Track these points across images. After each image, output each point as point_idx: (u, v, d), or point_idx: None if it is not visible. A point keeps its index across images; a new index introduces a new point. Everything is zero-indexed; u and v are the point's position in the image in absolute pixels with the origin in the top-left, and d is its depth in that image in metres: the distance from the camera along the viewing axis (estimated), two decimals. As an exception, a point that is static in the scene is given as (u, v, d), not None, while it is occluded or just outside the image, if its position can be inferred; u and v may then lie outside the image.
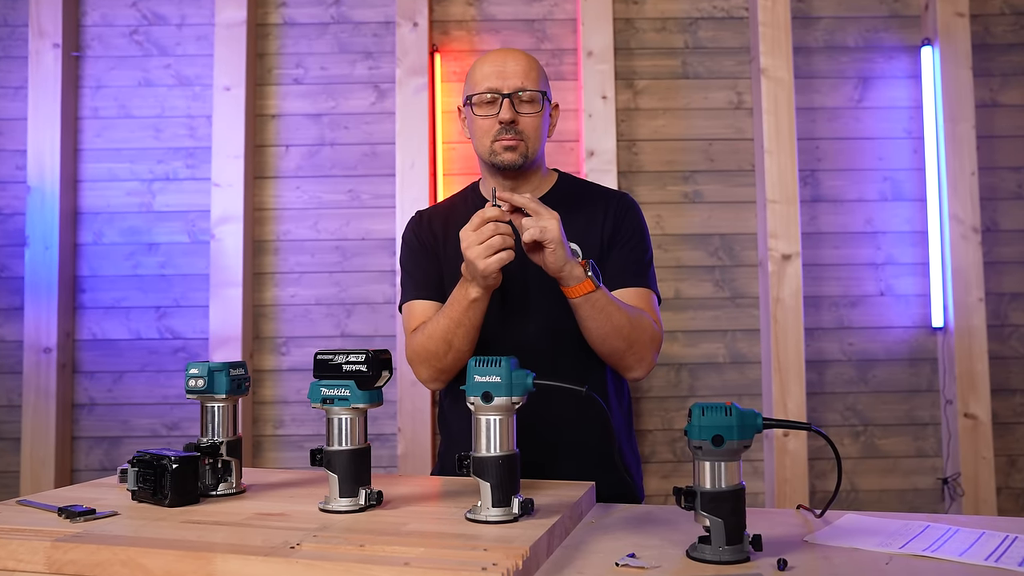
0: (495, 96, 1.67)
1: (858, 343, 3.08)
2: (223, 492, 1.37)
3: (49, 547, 1.06)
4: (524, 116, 1.67)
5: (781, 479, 2.91)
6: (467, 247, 1.46)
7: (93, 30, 3.15)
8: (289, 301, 3.10)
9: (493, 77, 1.67)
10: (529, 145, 1.68)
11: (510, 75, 1.67)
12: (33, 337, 2.98)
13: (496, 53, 1.74)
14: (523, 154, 1.68)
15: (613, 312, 1.55)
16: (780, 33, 3.02)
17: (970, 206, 3.00)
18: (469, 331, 1.58)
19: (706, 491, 1.04)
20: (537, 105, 1.69)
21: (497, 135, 1.67)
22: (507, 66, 1.68)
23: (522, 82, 1.67)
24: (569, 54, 3.14)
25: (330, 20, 3.16)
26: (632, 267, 1.71)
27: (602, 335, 1.58)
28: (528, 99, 1.68)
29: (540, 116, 1.70)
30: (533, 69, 1.70)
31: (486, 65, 1.70)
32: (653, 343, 1.65)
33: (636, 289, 1.70)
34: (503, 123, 1.66)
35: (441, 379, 1.69)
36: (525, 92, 1.67)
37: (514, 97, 1.66)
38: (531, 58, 1.73)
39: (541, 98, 1.69)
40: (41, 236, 3.01)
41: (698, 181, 3.11)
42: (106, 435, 3.06)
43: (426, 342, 1.63)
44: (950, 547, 1.09)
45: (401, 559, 0.96)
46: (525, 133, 1.67)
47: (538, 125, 1.70)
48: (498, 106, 1.67)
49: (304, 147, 3.13)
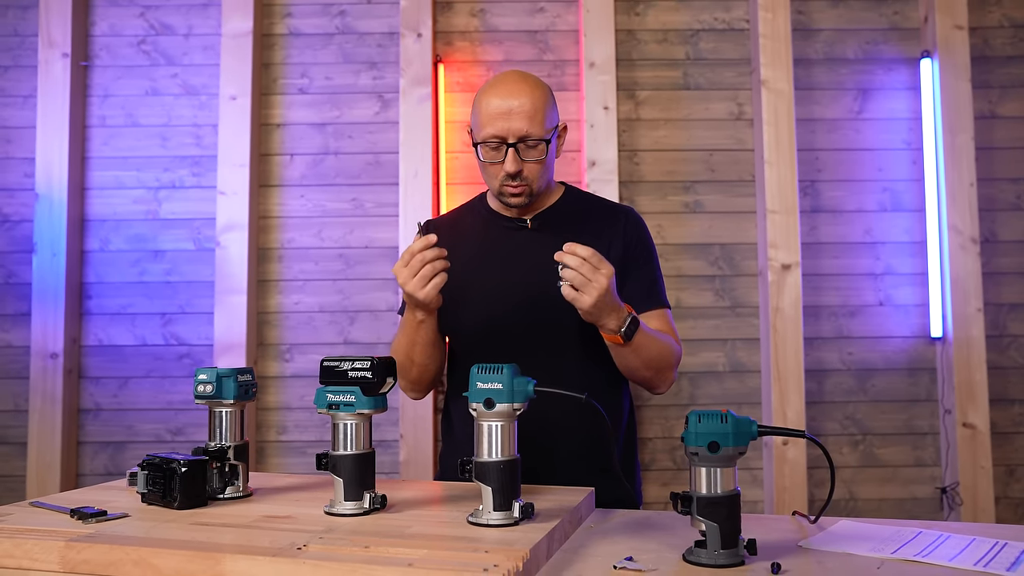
0: (500, 143, 1.64)
1: (857, 353, 3.10)
2: (230, 495, 1.39)
3: (63, 547, 1.09)
4: (529, 163, 1.66)
5: (780, 487, 2.93)
6: (403, 282, 1.53)
7: (101, 40, 3.19)
8: (293, 308, 3.13)
9: (498, 121, 1.63)
10: (534, 186, 1.69)
11: (515, 118, 1.62)
12: (40, 343, 3.01)
13: (503, 86, 1.67)
14: (529, 195, 1.70)
15: (644, 352, 1.61)
16: (780, 45, 3.05)
17: (969, 217, 3.02)
18: (425, 347, 1.68)
19: (702, 496, 1.07)
20: (542, 150, 1.66)
21: (503, 180, 1.67)
22: (512, 108, 1.62)
23: (527, 128, 1.62)
24: (571, 65, 3.18)
25: (335, 31, 3.20)
26: (648, 289, 1.76)
27: (630, 368, 1.66)
28: (534, 145, 1.65)
29: (545, 159, 1.68)
30: (539, 109, 1.64)
31: (492, 102, 1.64)
32: (676, 364, 1.73)
33: (659, 312, 1.75)
34: (508, 173, 1.65)
35: (416, 389, 1.79)
36: (530, 139, 1.63)
37: (521, 145, 1.64)
38: (537, 93, 1.66)
39: (546, 143, 1.66)
40: (48, 243, 3.04)
41: (699, 191, 3.14)
42: (111, 440, 3.08)
43: (395, 355, 1.70)
44: (940, 552, 1.11)
45: (405, 560, 0.99)
46: (530, 178, 1.67)
47: (542, 169, 1.69)
48: (503, 153, 1.64)
49: (308, 156, 3.17)
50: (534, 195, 1.71)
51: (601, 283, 1.45)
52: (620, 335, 1.54)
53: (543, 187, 1.72)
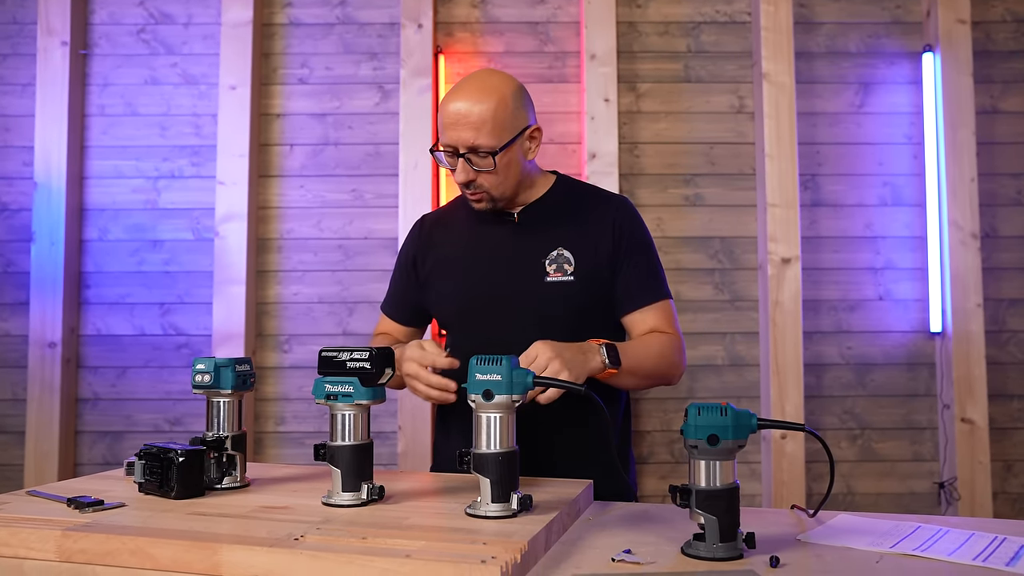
0: (452, 152, 1.60)
1: (856, 347, 3.10)
2: (228, 485, 1.39)
3: (60, 536, 1.08)
4: (481, 173, 1.61)
5: (778, 481, 2.93)
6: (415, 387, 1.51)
7: (101, 28, 3.18)
8: (292, 299, 3.12)
9: (449, 130, 1.58)
10: (494, 193, 1.64)
11: (463, 128, 1.56)
12: (38, 332, 3.00)
13: (459, 91, 1.60)
14: (490, 201, 1.66)
15: (640, 370, 1.61)
16: (782, 38, 3.04)
17: (969, 212, 3.02)
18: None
19: (701, 489, 1.06)
20: (490, 163, 1.58)
21: (461, 186, 1.65)
22: (460, 118, 1.56)
23: (474, 139, 1.56)
24: (572, 57, 3.16)
25: (335, 21, 3.18)
26: (647, 283, 1.73)
27: (634, 387, 1.71)
28: (484, 156, 1.58)
29: (498, 170, 1.61)
30: (488, 119, 1.56)
31: (447, 108, 1.59)
32: (680, 357, 1.72)
33: (655, 306, 1.72)
34: (459, 182, 1.62)
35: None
36: (480, 150, 1.57)
37: (469, 156, 1.58)
38: (493, 99, 1.58)
39: (494, 155, 1.58)
40: (47, 232, 3.03)
41: (699, 184, 3.14)
42: (109, 430, 3.08)
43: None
44: (940, 547, 1.11)
45: (402, 551, 0.98)
46: (485, 185, 1.62)
47: (498, 178, 1.62)
48: (456, 162, 1.60)
49: (308, 146, 3.16)
50: (497, 200, 1.66)
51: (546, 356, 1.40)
52: (610, 368, 1.51)
53: (507, 191, 1.66)
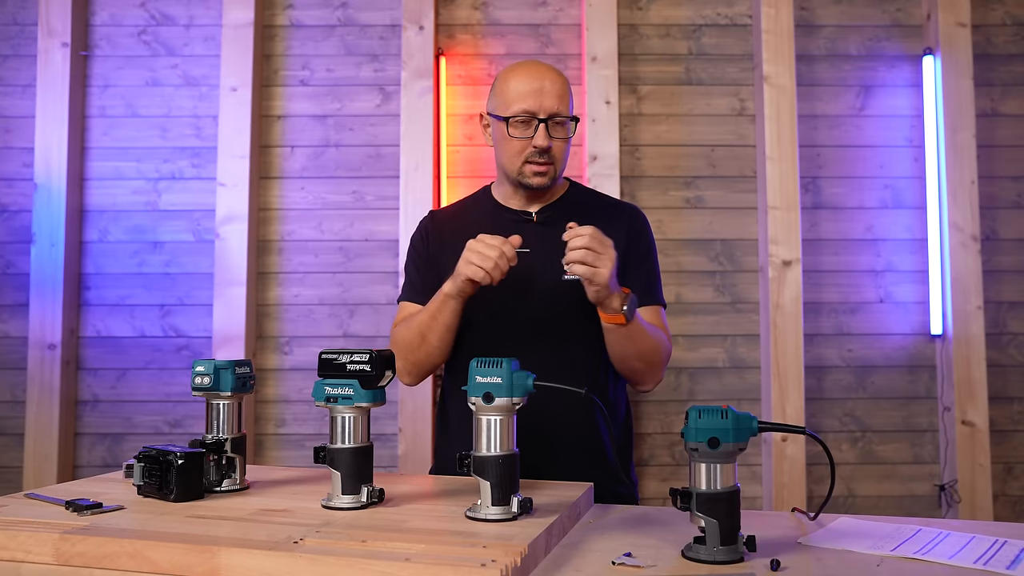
0: (530, 118, 1.66)
1: (857, 350, 3.10)
2: (227, 488, 1.39)
3: (57, 539, 1.08)
4: (557, 140, 1.68)
5: (779, 484, 2.92)
6: (468, 246, 1.53)
7: (101, 30, 3.18)
8: (292, 301, 3.12)
9: (530, 98, 1.66)
10: (557, 167, 1.71)
11: (547, 97, 1.66)
12: (38, 333, 3.00)
13: (532, 68, 1.71)
14: (552, 177, 1.72)
15: (639, 339, 1.63)
16: (783, 41, 3.04)
17: (970, 215, 3.02)
18: (442, 329, 1.64)
19: (702, 492, 1.06)
20: (570, 129, 1.70)
21: (528, 158, 1.68)
22: (544, 86, 1.66)
23: (558, 107, 1.66)
24: (573, 59, 3.16)
25: (336, 22, 3.18)
26: (645, 286, 1.78)
27: (623, 356, 1.66)
28: (562, 123, 1.68)
29: (570, 140, 1.71)
30: (567, 92, 1.70)
31: (522, 82, 1.68)
32: (666, 361, 1.76)
33: (651, 308, 1.77)
34: (537, 147, 1.66)
35: (413, 373, 1.74)
36: (559, 116, 1.67)
37: (550, 122, 1.66)
38: (564, 78, 1.71)
39: (575, 123, 1.70)
40: (47, 233, 3.03)
41: (700, 186, 3.13)
42: (109, 432, 3.08)
43: (404, 332, 1.70)
44: (940, 550, 1.11)
45: (402, 555, 0.98)
46: (555, 157, 1.69)
47: (567, 148, 1.72)
48: (533, 129, 1.66)
49: (309, 148, 3.16)
50: (555, 178, 1.72)
51: (611, 255, 1.49)
52: (623, 313, 1.55)
53: (563, 171, 1.75)
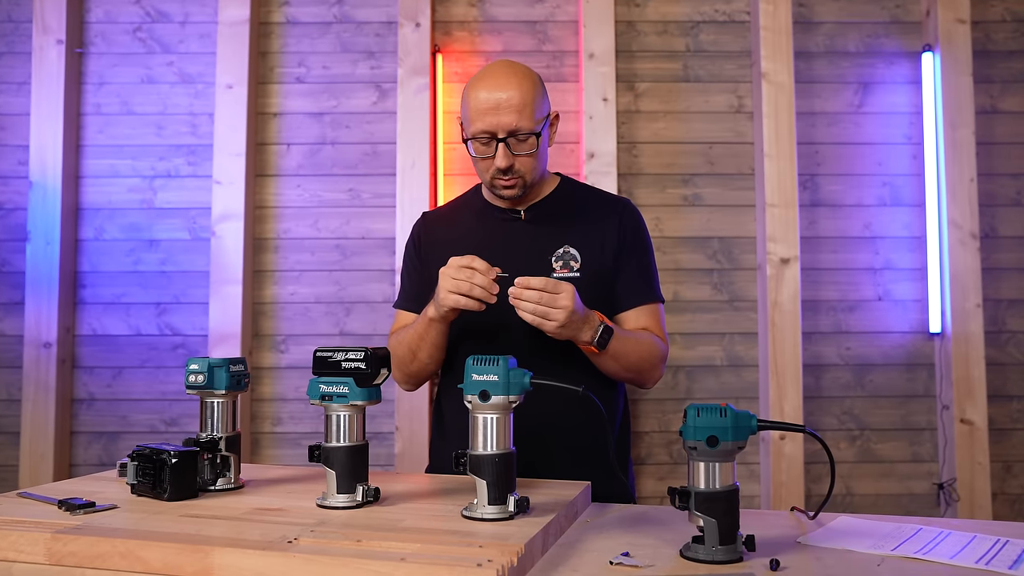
0: (490, 139, 1.61)
1: (855, 348, 3.09)
2: (222, 487, 1.38)
3: (49, 539, 1.07)
4: (520, 157, 1.63)
5: (777, 482, 2.92)
6: (442, 273, 1.52)
7: (97, 27, 3.16)
8: (289, 299, 3.11)
9: (488, 115, 1.59)
10: (528, 179, 1.66)
11: (504, 112, 1.58)
12: (33, 332, 2.98)
13: (491, 78, 1.63)
14: (522, 188, 1.68)
15: (622, 358, 1.61)
16: (781, 37, 3.03)
17: (969, 212, 3.01)
18: (431, 347, 1.65)
19: (700, 491, 1.05)
20: (533, 143, 1.62)
21: (495, 175, 1.65)
22: (500, 102, 1.58)
23: (516, 122, 1.59)
24: (570, 56, 3.15)
25: (332, 19, 3.17)
26: (642, 284, 1.75)
27: (611, 373, 1.66)
28: (524, 139, 1.61)
29: (537, 152, 1.64)
30: (528, 102, 1.60)
31: (480, 96, 1.61)
32: (661, 363, 1.72)
33: (646, 307, 1.74)
34: (498, 168, 1.62)
35: (410, 382, 1.77)
36: (520, 133, 1.60)
37: (510, 140, 1.61)
38: (526, 84, 1.62)
39: (537, 136, 1.62)
40: (42, 231, 3.02)
41: (698, 184, 3.12)
42: (105, 430, 3.07)
43: (396, 347, 1.70)
44: (941, 550, 1.10)
45: (397, 554, 0.97)
46: (522, 171, 1.64)
47: (535, 161, 1.66)
48: (493, 148, 1.61)
49: (305, 146, 3.14)
50: (528, 187, 1.69)
51: (564, 306, 1.45)
52: (594, 345, 1.54)
53: (536, 178, 1.70)
